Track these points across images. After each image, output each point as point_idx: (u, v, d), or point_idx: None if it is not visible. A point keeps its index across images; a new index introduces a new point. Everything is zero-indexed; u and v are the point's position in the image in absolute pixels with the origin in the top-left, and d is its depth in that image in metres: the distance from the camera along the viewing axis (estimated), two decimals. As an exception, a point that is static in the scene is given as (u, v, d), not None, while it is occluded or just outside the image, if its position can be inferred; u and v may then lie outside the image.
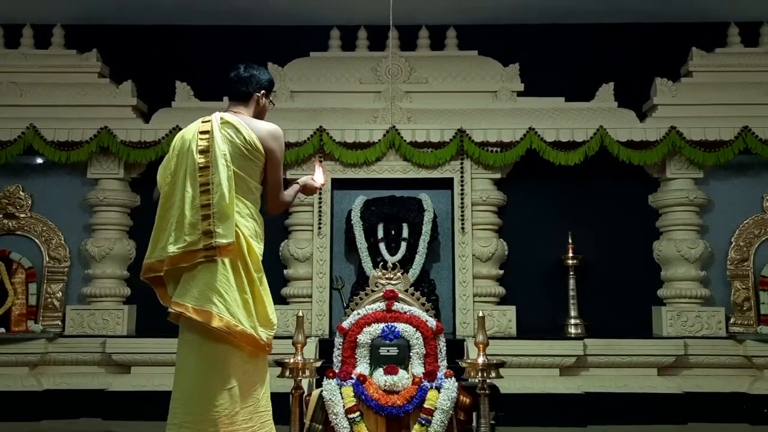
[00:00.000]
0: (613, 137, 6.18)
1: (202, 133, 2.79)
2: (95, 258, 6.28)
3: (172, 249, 2.69)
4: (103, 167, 6.40)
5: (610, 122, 6.25)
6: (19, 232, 6.39)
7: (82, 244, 6.35)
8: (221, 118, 2.83)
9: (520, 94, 6.56)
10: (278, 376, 3.23)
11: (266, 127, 2.91)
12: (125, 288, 6.38)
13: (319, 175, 3.23)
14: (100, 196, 6.34)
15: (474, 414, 3.56)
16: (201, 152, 2.74)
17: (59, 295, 6.28)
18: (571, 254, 6.27)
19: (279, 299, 5.97)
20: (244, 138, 2.79)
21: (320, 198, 6.33)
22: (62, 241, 6.40)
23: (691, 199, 6.24)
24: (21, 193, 6.44)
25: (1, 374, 5.89)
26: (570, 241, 6.29)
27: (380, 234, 6.24)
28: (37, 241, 6.39)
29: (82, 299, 6.33)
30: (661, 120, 6.28)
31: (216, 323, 2.60)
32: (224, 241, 2.64)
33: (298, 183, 3.13)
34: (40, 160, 6.60)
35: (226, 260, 2.68)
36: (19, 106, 6.35)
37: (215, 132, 2.76)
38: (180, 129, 3.01)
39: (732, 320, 6.11)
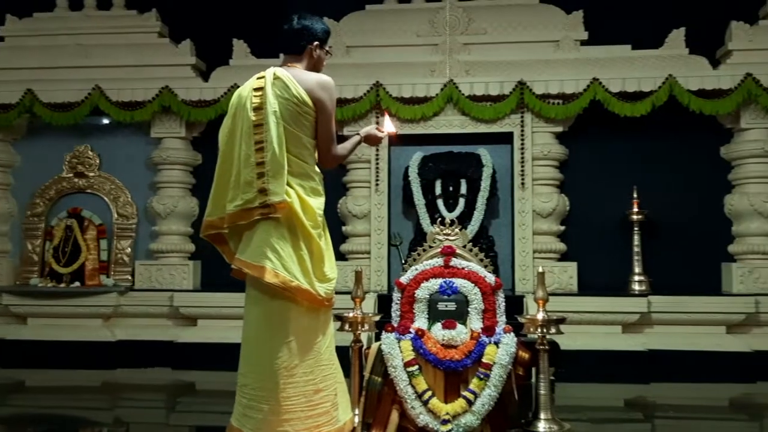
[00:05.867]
0: (683, 86, 5.87)
1: (256, 89, 2.76)
2: (161, 215, 6.49)
3: (230, 207, 2.72)
4: (166, 126, 6.55)
5: (680, 70, 5.93)
6: (89, 191, 6.68)
7: (148, 202, 6.56)
8: (274, 74, 2.80)
9: (584, 42, 6.29)
10: (337, 330, 3.27)
11: (314, 77, 2.81)
12: (190, 244, 6.59)
13: (389, 125, 3.12)
14: (163, 154, 6.51)
15: (533, 369, 3.54)
16: (255, 109, 2.72)
17: (128, 250, 6.54)
18: (635, 209, 6.06)
19: (338, 256, 5.96)
20: (292, 92, 2.73)
21: (377, 155, 6.30)
22: (129, 199, 6.63)
23: (767, 150, 5.90)
24: (90, 152, 6.69)
25: (78, 325, 6.24)
26: (635, 195, 6.07)
27: (438, 190, 6.19)
28: (105, 198, 6.64)
29: (149, 255, 6.58)
30: (736, 67, 5.92)
31: (271, 278, 2.64)
32: (276, 198, 2.66)
33: (359, 134, 3.05)
34: (106, 121, 6.80)
35: (282, 217, 2.69)
36: (84, 67, 6.54)
37: (267, 88, 2.74)
38: (238, 87, 2.98)
39: (808, 277, 5.83)
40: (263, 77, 2.80)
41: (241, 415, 2.72)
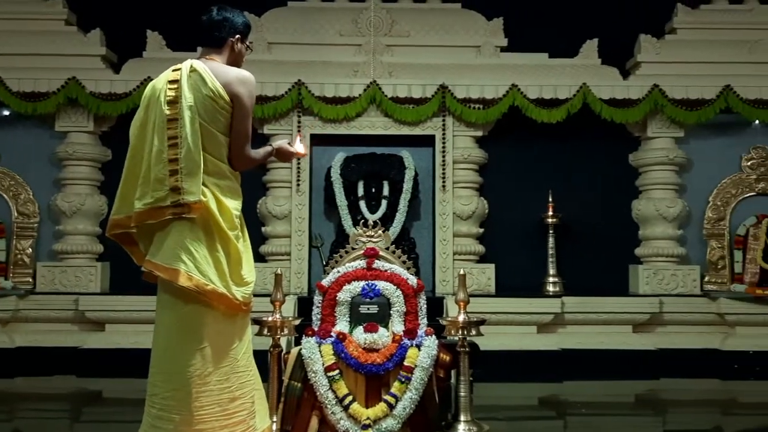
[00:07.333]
0: (596, 95, 6.11)
1: (171, 82, 2.62)
2: (66, 214, 6.12)
3: (138, 205, 2.57)
4: (72, 120, 6.18)
5: (593, 79, 6.17)
6: (-15, 187, 6.21)
7: (52, 200, 6.18)
8: (190, 66, 2.66)
9: (503, 49, 6.42)
10: (256, 335, 3.17)
11: (233, 72, 2.69)
12: (98, 245, 6.25)
13: (299, 146, 3.06)
14: (69, 149, 6.14)
15: (453, 371, 3.56)
16: (169, 103, 2.57)
17: (29, 251, 6.14)
18: (550, 213, 6.25)
19: (257, 257, 5.85)
20: (209, 86, 2.59)
21: (299, 154, 6.19)
22: (31, 196, 6.22)
23: (671, 159, 6.23)
24: (-13, 146, 6.23)
25: (-29, 331, 5.78)
26: (550, 199, 6.26)
27: (360, 192, 6.16)
28: (4, 196, 6.21)
29: (53, 256, 6.20)
30: (644, 78, 6.22)
31: (185, 282, 2.51)
32: (192, 198, 2.53)
33: (271, 145, 2.95)
34: (6, 112, 6.35)
35: (197, 218, 2.57)
36: (-19, 54, 6.08)
37: (183, 81, 2.60)
38: (152, 80, 2.82)
39: (707, 278, 6.20)
40: (179, 69, 2.66)
41: (150, 426, 2.57)
